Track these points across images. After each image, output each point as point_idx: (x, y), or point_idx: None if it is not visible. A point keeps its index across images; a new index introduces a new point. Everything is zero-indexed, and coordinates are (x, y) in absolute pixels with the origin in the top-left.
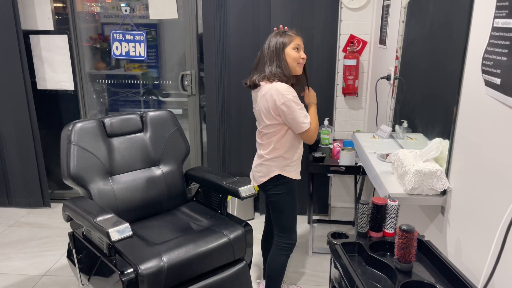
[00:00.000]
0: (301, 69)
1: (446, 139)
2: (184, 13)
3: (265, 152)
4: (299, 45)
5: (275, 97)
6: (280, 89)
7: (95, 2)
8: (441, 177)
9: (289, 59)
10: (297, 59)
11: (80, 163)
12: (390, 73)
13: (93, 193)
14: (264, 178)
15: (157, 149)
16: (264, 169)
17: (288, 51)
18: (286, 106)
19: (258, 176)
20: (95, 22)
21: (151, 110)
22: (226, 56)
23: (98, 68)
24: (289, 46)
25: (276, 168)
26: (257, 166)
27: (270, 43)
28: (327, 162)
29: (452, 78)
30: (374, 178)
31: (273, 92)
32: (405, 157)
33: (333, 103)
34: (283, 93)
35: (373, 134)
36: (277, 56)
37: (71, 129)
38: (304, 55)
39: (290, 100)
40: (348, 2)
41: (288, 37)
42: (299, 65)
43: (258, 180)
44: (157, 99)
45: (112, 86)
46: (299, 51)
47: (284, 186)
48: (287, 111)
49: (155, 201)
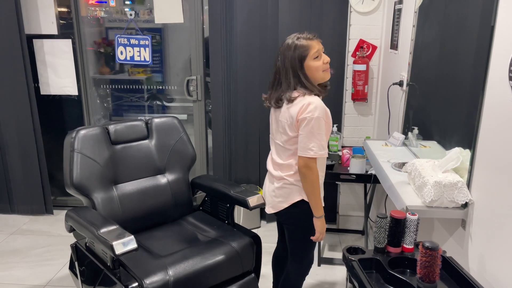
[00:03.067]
0: (329, 74)
1: (466, 148)
2: (190, 17)
3: (286, 174)
4: (319, 50)
5: (307, 108)
6: (315, 102)
7: (99, 7)
8: (463, 189)
9: (312, 72)
10: (320, 67)
11: (84, 172)
12: (403, 79)
13: (97, 203)
14: (284, 204)
15: (163, 157)
16: (285, 193)
17: (307, 64)
18: (308, 121)
19: (277, 201)
20: (99, 26)
21: (156, 116)
22: (233, 61)
23: (102, 72)
24: (308, 58)
25: (298, 193)
26: (275, 190)
27: (285, 60)
28: (336, 170)
29: (471, 84)
30: (389, 189)
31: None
32: (423, 168)
33: (342, 109)
34: (318, 107)
35: (385, 142)
36: (296, 75)
37: (75, 136)
38: (327, 57)
39: (317, 119)
40: (357, 6)
41: (301, 47)
42: (325, 72)
43: (277, 206)
44: (161, 104)
45: (116, 91)
46: (319, 57)
47: (305, 211)
48: (305, 127)
49: (161, 210)
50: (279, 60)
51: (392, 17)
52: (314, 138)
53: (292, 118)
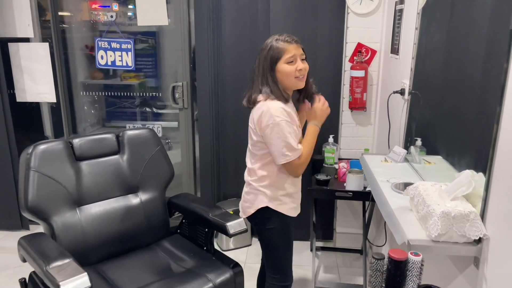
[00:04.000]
0: (303, 83)
1: (479, 171)
2: (176, 19)
3: (253, 179)
4: (295, 55)
5: (263, 117)
6: (271, 108)
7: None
8: (476, 221)
9: (282, 76)
10: (292, 73)
11: (41, 193)
12: (405, 86)
13: (56, 228)
14: (251, 209)
15: (136, 174)
16: (251, 198)
17: (279, 67)
18: (271, 129)
19: (245, 206)
20: (93, 30)
21: (129, 129)
22: (221, 66)
23: (94, 77)
24: (281, 61)
25: (264, 198)
26: (244, 195)
27: (259, 59)
28: (332, 186)
29: (485, 95)
30: (388, 216)
31: (264, 109)
32: (427, 193)
33: (339, 118)
34: (272, 113)
35: (384, 157)
36: (265, 75)
37: (31, 152)
38: (302, 65)
39: (277, 124)
40: (355, 7)
41: (277, 49)
42: (297, 79)
43: (245, 211)
44: (151, 111)
45: (108, 97)
46: (294, 63)
47: (276, 220)
48: (270, 135)
49: (132, 234)
50: (256, 60)
51: (393, 19)
52: (283, 143)
53: (254, 124)
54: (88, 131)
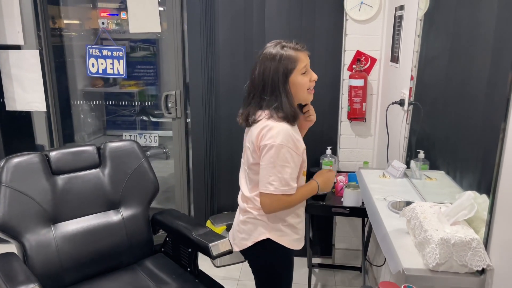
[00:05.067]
0: (312, 96)
1: (483, 193)
2: (169, 26)
3: (250, 207)
4: (307, 64)
5: (266, 132)
6: (281, 131)
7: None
8: (478, 249)
9: (296, 89)
10: (306, 85)
11: (13, 210)
12: (404, 97)
13: (29, 247)
14: (248, 242)
15: (117, 188)
16: (249, 229)
17: (293, 79)
18: (268, 149)
19: (240, 238)
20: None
21: (112, 141)
22: (215, 74)
23: (94, 85)
24: (294, 72)
25: (265, 230)
26: (239, 224)
27: (265, 71)
28: (329, 201)
29: (490, 107)
30: (383, 240)
31: (271, 125)
32: (425, 216)
33: (337, 129)
34: (276, 135)
35: (382, 172)
36: (274, 89)
37: (3, 166)
38: (315, 75)
39: (279, 147)
40: (354, 13)
41: (289, 58)
42: (309, 91)
43: (240, 243)
44: (148, 120)
45: (106, 105)
46: (307, 73)
47: (277, 254)
48: (267, 156)
49: (112, 254)
50: (256, 70)
51: (393, 25)
52: (274, 170)
53: (253, 143)
54: (87, 140)
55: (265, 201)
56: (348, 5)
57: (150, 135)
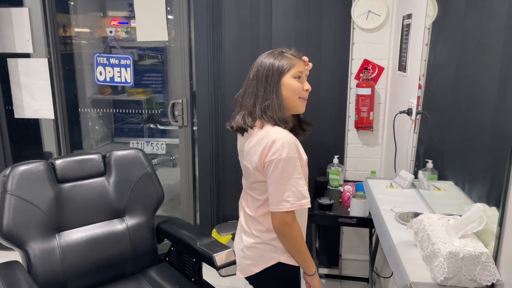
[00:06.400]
0: (304, 106)
1: (492, 206)
2: (176, 35)
3: (257, 229)
4: (302, 72)
5: (271, 147)
6: (285, 143)
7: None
8: (488, 264)
9: (287, 92)
10: (299, 91)
11: (17, 218)
12: (412, 106)
13: (32, 256)
14: (255, 268)
15: (122, 197)
16: (255, 254)
17: (285, 81)
18: (276, 165)
19: (246, 264)
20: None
21: (117, 150)
22: (221, 82)
23: (103, 92)
24: (288, 73)
25: (274, 254)
26: (244, 250)
27: (260, 69)
28: (335, 211)
29: (500, 117)
30: (390, 252)
31: (274, 137)
32: (433, 228)
33: (344, 138)
34: (288, 148)
35: (390, 182)
36: (268, 88)
37: (8, 174)
38: (309, 85)
39: (287, 159)
40: (361, 22)
41: (286, 59)
42: (301, 100)
43: (246, 270)
44: (156, 127)
45: (114, 112)
46: (301, 80)
47: (285, 275)
48: (276, 172)
49: (116, 262)
50: (252, 69)
51: (401, 34)
52: (288, 185)
53: (255, 162)
54: (95, 147)
55: (277, 221)
56: (355, 13)
57: (158, 143)
